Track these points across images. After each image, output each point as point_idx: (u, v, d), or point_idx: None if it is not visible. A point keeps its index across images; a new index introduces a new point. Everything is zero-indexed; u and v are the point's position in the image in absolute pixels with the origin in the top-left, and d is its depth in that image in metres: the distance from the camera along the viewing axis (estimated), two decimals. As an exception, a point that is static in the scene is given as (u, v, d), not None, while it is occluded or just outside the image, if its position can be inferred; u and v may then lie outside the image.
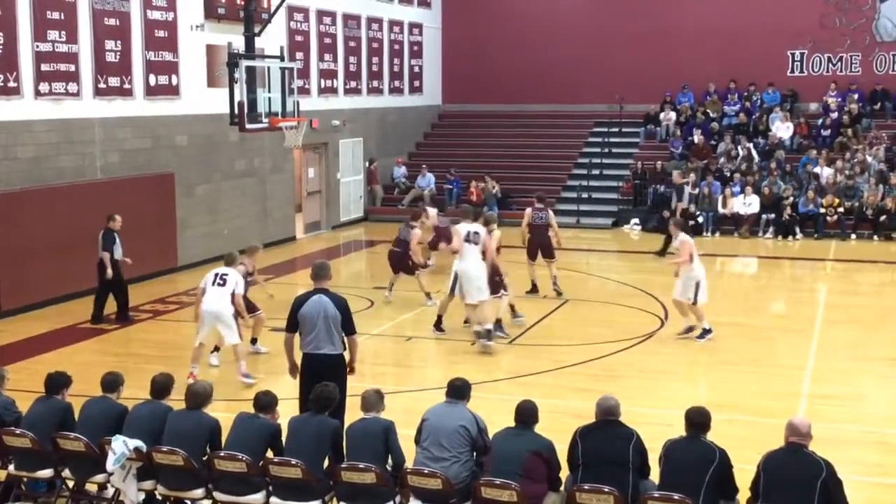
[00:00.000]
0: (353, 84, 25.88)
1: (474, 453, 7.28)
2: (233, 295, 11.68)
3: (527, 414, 7.17)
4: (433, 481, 6.95)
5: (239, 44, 17.52)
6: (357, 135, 25.99)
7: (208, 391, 7.69)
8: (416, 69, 29.55)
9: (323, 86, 24.39)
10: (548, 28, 29.23)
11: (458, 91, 30.73)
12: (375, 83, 27.09)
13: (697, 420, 6.93)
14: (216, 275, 11.81)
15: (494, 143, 28.88)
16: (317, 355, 8.78)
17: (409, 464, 7.26)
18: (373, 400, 7.48)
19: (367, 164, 26.69)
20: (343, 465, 7.07)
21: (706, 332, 13.53)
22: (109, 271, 14.42)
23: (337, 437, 7.36)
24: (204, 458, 7.37)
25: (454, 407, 7.49)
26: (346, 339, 8.90)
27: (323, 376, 8.05)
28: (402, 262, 16.28)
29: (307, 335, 8.85)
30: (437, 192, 26.76)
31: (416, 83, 29.64)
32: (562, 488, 7.02)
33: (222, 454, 7.26)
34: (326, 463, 7.31)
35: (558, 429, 7.54)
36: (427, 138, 30.25)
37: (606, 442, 6.90)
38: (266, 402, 7.61)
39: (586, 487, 6.66)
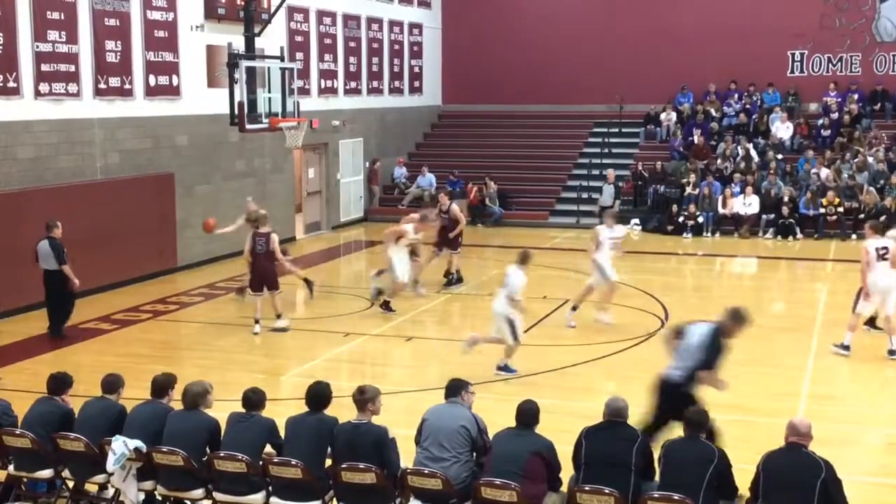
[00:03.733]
0: (353, 84, 25.88)
1: (474, 453, 7.27)
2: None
3: (528, 414, 7.16)
4: (433, 481, 6.95)
5: (239, 44, 17.53)
6: (357, 135, 25.99)
7: (206, 391, 7.68)
8: (416, 69, 29.55)
9: (323, 86, 24.39)
10: (547, 28, 29.24)
11: (458, 91, 30.74)
12: (375, 83, 27.09)
13: (696, 420, 6.95)
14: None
15: (494, 143, 28.88)
16: None
17: (409, 464, 7.26)
18: (367, 397, 7.38)
19: (368, 164, 26.69)
20: (343, 466, 7.06)
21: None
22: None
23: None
24: (203, 459, 7.36)
25: (454, 407, 7.48)
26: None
27: None
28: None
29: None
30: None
31: (416, 83, 29.64)
32: (563, 488, 7.02)
33: (222, 454, 7.25)
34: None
35: (559, 429, 7.54)
36: (427, 139, 30.26)
37: (610, 443, 6.92)
38: (256, 399, 7.58)
39: (587, 488, 6.66)
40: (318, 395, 7.49)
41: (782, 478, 6.45)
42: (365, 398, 7.30)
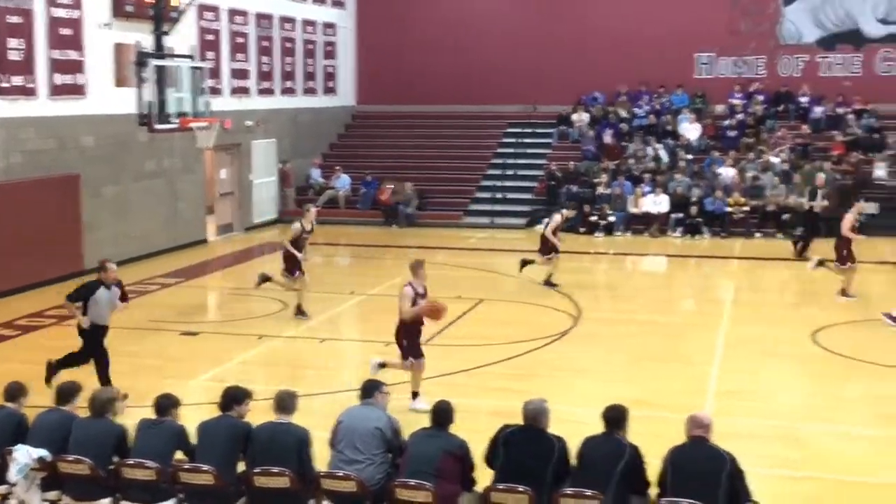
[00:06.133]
0: (266, 84, 25.60)
1: (390, 454, 7.26)
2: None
3: (442, 414, 7.18)
4: (347, 484, 6.92)
5: (148, 43, 17.17)
6: (270, 135, 25.71)
7: (112, 397, 7.51)
8: (330, 70, 29.36)
9: (235, 86, 24.06)
10: (463, 29, 29.34)
11: (373, 92, 30.64)
12: (289, 83, 26.84)
13: (611, 417, 7.04)
14: None
15: (409, 143, 28.87)
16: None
17: (323, 467, 7.21)
18: (287, 401, 7.37)
19: (280, 165, 26.43)
20: (257, 470, 6.98)
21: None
22: None
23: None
24: (111, 467, 7.19)
25: (368, 408, 7.47)
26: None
27: None
28: None
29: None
30: (353, 194, 26.70)
31: (330, 84, 29.46)
32: (476, 488, 7.05)
33: (130, 462, 7.10)
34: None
35: (475, 428, 7.56)
36: (341, 139, 30.09)
37: (526, 447, 6.94)
38: (166, 404, 7.45)
39: (501, 487, 6.71)
40: (231, 398, 7.40)
41: (688, 470, 6.60)
42: (285, 401, 7.31)
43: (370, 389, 7.59)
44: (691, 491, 6.44)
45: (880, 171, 24.10)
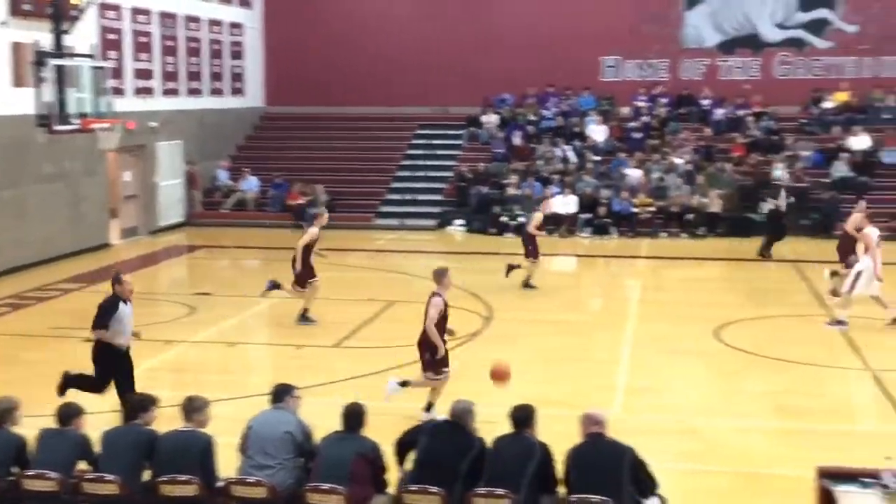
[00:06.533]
0: (170, 85, 25.13)
1: (302, 459, 7.20)
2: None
3: (353, 417, 7.15)
4: (258, 490, 6.83)
5: (47, 42, 16.67)
6: (176, 137, 25.23)
7: (12, 407, 7.29)
8: (238, 70, 28.98)
9: (139, 86, 23.55)
10: (373, 31, 29.25)
11: (282, 93, 30.32)
12: (195, 84, 26.40)
13: (519, 416, 7.11)
14: None
15: (319, 145, 28.69)
16: None
17: (233, 474, 7.11)
18: (195, 408, 7.24)
19: (186, 166, 25.96)
20: (163, 479, 6.85)
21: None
22: None
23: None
24: (10, 478, 6.97)
25: (279, 413, 7.39)
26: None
27: None
28: None
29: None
30: (262, 196, 26.40)
31: (238, 84, 29.07)
32: (389, 490, 7.05)
33: (31, 472, 6.89)
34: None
35: (388, 431, 7.56)
36: (249, 141, 29.71)
37: (445, 445, 6.98)
38: (70, 413, 7.26)
39: (413, 488, 6.71)
40: (138, 407, 7.25)
41: (590, 468, 6.73)
42: (193, 407, 7.18)
43: (281, 394, 7.52)
44: (595, 486, 6.56)
45: (779, 171, 24.87)
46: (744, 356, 13.09)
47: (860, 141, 25.49)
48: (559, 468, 6.89)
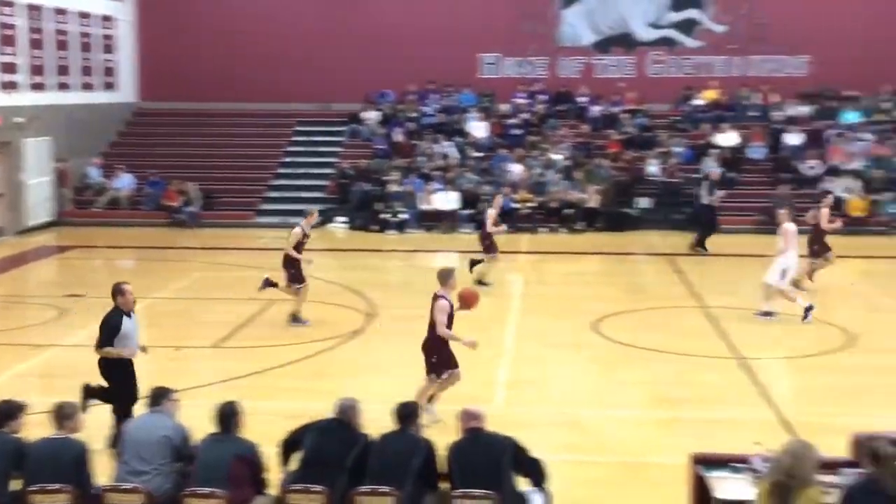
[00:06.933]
0: (38, 79, 24.18)
1: (181, 463, 7.03)
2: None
3: (226, 418, 7.00)
4: (134, 497, 6.64)
5: None
6: (44, 133, 24.27)
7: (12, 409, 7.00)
8: (110, 64, 28.09)
9: (3, 80, 22.59)
10: (252, 25, 28.76)
11: (157, 88, 29.51)
12: (63, 78, 25.47)
13: (403, 413, 7.12)
14: None
15: (196, 142, 28.09)
16: None
17: (108, 480, 6.90)
18: (67, 414, 7.00)
19: (56, 164, 25.02)
20: (33, 488, 6.58)
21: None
22: None
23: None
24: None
25: (156, 416, 7.22)
26: None
27: None
28: None
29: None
30: (137, 194, 25.68)
31: (110, 79, 28.19)
32: (271, 491, 6.95)
33: None
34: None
35: (268, 431, 7.45)
36: (123, 137, 28.84)
37: (330, 443, 6.95)
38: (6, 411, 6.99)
39: (297, 487, 6.64)
40: (4, 415, 6.96)
41: (471, 463, 6.80)
42: (64, 413, 6.95)
43: (158, 397, 7.35)
44: (477, 480, 6.63)
45: (653, 167, 25.59)
46: (621, 348, 13.40)
47: (728, 137, 26.44)
48: (442, 464, 6.92)
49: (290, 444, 7.17)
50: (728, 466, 6.86)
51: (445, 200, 24.61)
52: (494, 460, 6.77)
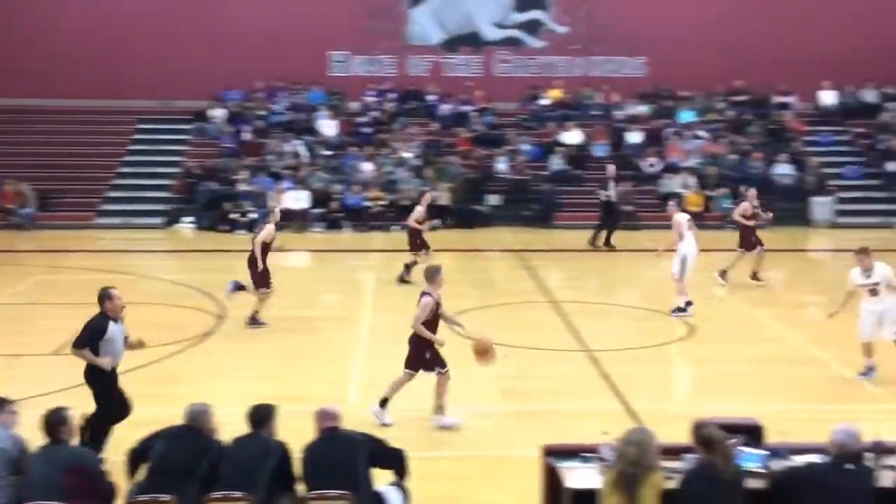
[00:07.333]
0: None
1: (18, 476, 6.69)
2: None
3: (55, 427, 6.63)
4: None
5: None
6: None
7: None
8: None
9: None
10: (92, 19, 27.73)
11: (-14, 83, 28.00)
12: None
13: (256, 416, 7.01)
14: None
15: (31, 140, 26.78)
16: None
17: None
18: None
19: None
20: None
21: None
22: None
23: None
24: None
25: (-7, 430, 6.84)
26: None
27: None
28: None
29: None
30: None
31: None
32: (118, 502, 6.72)
33: None
34: None
35: (117, 440, 7.20)
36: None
37: (179, 450, 6.77)
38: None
39: (144, 498, 6.44)
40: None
41: (327, 463, 6.77)
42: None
43: (-8, 408, 6.96)
44: (332, 481, 6.59)
45: (501, 164, 26.04)
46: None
47: (573, 136, 27.19)
48: (297, 466, 6.85)
49: (137, 453, 6.94)
50: (578, 456, 7.04)
51: (296, 199, 24.36)
52: (350, 459, 6.75)
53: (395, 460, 7.07)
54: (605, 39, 28.85)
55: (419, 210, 17.93)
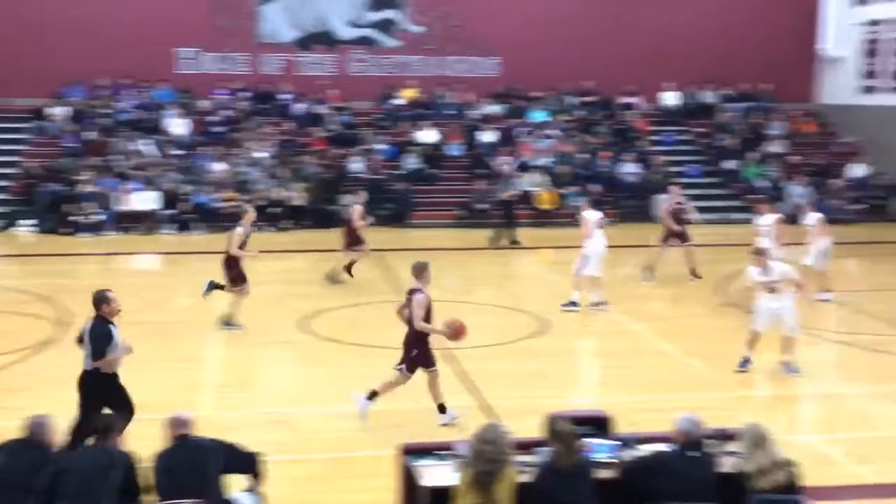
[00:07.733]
0: None
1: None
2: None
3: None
4: None
5: None
6: None
7: None
8: None
9: None
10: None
11: None
12: None
13: (100, 426, 6.81)
14: None
15: None
16: None
17: None
18: None
19: None
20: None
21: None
22: None
23: None
24: None
25: None
26: None
27: None
28: None
29: None
30: None
31: None
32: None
33: None
34: None
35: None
36: None
37: (20, 457, 6.54)
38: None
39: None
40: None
41: (179, 471, 6.61)
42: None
43: None
44: (185, 490, 6.44)
45: (357, 164, 25.94)
46: (330, 344, 13.49)
47: (428, 135, 27.35)
48: (148, 475, 6.62)
49: None
50: (433, 454, 7.06)
51: (143, 200, 23.61)
52: (201, 466, 6.61)
53: (248, 464, 6.97)
54: (460, 39, 29.13)
55: (358, 208, 17.82)
